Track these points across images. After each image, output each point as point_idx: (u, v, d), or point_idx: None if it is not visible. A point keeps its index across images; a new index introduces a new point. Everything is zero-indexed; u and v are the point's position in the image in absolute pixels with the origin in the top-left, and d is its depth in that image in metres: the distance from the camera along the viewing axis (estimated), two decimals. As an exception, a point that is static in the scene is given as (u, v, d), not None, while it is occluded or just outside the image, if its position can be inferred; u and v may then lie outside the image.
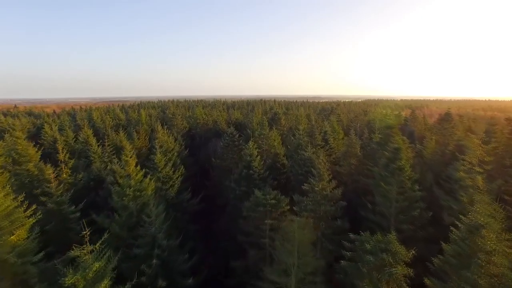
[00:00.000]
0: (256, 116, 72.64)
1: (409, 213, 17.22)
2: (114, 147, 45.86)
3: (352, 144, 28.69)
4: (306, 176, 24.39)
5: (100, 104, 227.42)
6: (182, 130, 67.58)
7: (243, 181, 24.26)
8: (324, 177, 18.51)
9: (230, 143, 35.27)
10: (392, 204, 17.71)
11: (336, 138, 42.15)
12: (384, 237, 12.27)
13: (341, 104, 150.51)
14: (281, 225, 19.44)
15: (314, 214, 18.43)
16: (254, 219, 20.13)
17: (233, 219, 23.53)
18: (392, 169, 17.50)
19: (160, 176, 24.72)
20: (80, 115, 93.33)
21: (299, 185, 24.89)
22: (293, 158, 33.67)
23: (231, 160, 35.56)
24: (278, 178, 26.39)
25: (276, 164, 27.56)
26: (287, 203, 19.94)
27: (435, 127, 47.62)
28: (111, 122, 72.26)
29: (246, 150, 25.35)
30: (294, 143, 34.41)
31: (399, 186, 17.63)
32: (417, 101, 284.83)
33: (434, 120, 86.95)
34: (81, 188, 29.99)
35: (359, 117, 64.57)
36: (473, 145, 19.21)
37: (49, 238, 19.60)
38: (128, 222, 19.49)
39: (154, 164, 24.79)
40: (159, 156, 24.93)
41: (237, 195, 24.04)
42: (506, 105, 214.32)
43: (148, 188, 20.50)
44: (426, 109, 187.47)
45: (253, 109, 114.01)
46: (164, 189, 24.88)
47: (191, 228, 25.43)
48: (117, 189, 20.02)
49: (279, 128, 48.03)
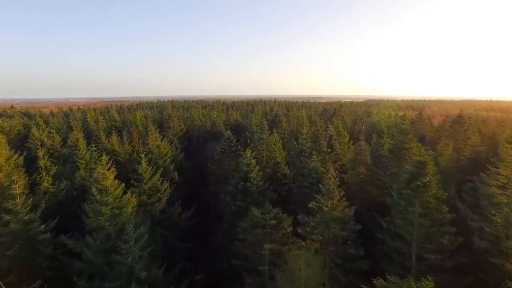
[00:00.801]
0: (256, 118, 69.78)
1: (436, 239, 14.33)
2: (104, 152, 43.10)
3: (362, 151, 25.79)
4: (311, 188, 21.52)
5: (99, 104, 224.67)
6: (178, 132, 64.80)
7: (240, 194, 21.38)
8: (334, 195, 15.65)
9: (226, 148, 32.40)
10: (415, 228, 14.83)
11: (342, 143, 39.24)
12: (419, 284, 9.40)
13: (343, 105, 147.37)
14: (282, 249, 16.57)
15: (322, 238, 15.55)
16: (252, 241, 17.27)
17: (229, 238, 20.68)
18: (416, 187, 14.62)
19: (146, 188, 21.84)
20: (75, 116, 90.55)
21: (303, 199, 22.00)
22: (295, 165, 30.80)
23: (228, 166, 32.70)
24: (278, 190, 23.52)
25: (277, 174, 24.65)
26: (289, 223, 17.08)
27: (446, 130, 44.62)
28: (104, 124, 69.38)
29: (243, 159, 22.45)
30: (297, 148, 31.53)
31: (423, 207, 14.75)
32: (418, 101, 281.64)
33: (438, 122, 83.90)
34: (64, 199, 27.20)
35: (364, 118, 61.60)
36: (509, 156, 16.29)
37: (11, 265, 16.82)
38: (104, 246, 16.65)
39: (139, 175, 21.91)
40: (144, 166, 22.04)
41: (232, 211, 21.17)
42: (507, 105, 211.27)
43: (129, 205, 17.64)
44: (428, 109, 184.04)
45: (253, 110, 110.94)
46: (150, 203, 22.02)
47: (182, 246, 22.58)
48: (91, 206, 17.18)
49: (279, 131, 45.13)
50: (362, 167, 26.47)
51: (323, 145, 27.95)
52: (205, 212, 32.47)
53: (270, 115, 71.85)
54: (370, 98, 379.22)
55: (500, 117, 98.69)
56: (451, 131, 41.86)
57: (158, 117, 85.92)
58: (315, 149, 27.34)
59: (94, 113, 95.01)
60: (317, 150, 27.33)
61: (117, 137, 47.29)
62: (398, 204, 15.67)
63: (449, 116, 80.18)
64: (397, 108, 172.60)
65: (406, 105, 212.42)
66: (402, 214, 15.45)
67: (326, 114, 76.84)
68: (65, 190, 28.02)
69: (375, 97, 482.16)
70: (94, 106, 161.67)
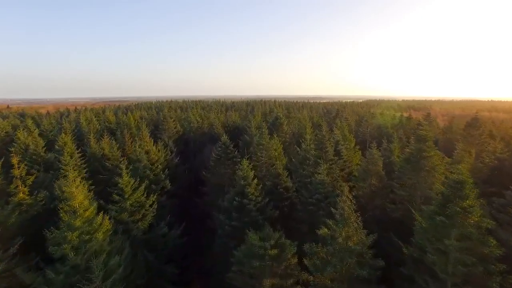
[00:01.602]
0: (255, 119, 66.81)
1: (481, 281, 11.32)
2: (92, 157, 40.17)
3: (374, 160, 22.79)
4: (317, 205, 18.51)
5: (99, 104, 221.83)
6: (174, 134, 61.86)
7: (235, 212, 18.38)
8: (350, 221, 12.67)
9: (222, 155, 29.41)
10: (451, 263, 11.84)
11: (348, 148, 36.21)
12: None
13: (344, 105, 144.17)
14: (285, 284, 13.58)
15: (335, 274, 12.57)
16: (249, 274, 14.29)
17: (223, 263, 17.72)
18: (453, 212, 11.65)
19: (127, 204, 18.86)
20: (68, 117, 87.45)
21: (308, 217, 19.01)
22: (297, 173, 27.84)
23: (224, 175, 29.72)
24: (280, 206, 20.49)
25: (278, 187, 21.60)
26: (293, 253, 14.10)
27: (459, 133, 41.55)
28: (98, 126, 66.40)
29: (240, 172, 19.41)
30: (300, 155, 28.56)
31: (462, 237, 11.78)
32: (419, 101, 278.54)
33: (444, 123, 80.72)
34: (43, 212, 24.27)
35: (369, 120, 58.58)
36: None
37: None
38: (69, 281, 13.70)
39: (119, 189, 18.92)
40: (125, 179, 19.03)
41: (226, 231, 18.17)
42: (510, 105, 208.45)
43: (100, 230, 14.65)
44: (430, 110, 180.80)
45: (253, 110, 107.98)
46: (132, 221, 19.04)
47: (168, 271, 19.59)
48: (53, 232, 14.22)
49: (280, 134, 42.09)
50: (374, 178, 23.48)
51: (329, 152, 24.95)
52: (200, 224, 29.45)
53: (270, 117, 68.91)
54: (370, 98, 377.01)
55: (505, 118, 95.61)
56: (464, 135, 38.79)
57: (155, 118, 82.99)
58: (321, 157, 24.34)
59: (90, 114, 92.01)
60: (323, 158, 24.34)
61: (108, 140, 44.38)
62: (426, 231, 12.70)
63: (455, 117, 77.16)
64: (399, 108, 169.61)
65: (407, 106, 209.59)
66: (432, 244, 12.46)
67: (329, 116, 73.79)
68: (43, 201, 25.07)
69: (375, 97, 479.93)
70: (92, 107, 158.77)
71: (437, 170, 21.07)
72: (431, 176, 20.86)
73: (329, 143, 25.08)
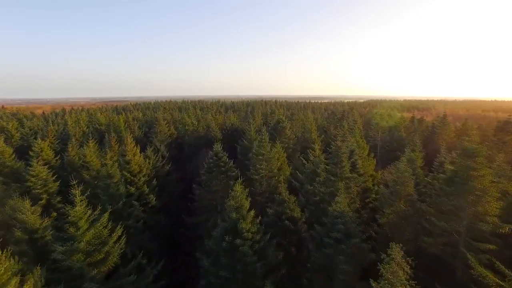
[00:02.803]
0: (255, 122, 61.92)
1: None
2: (69, 166, 35.35)
3: (404, 180, 17.82)
4: (337, 249, 13.55)
5: (99, 104, 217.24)
6: (167, 138, 56.93)
7: (225, 256, 13.43)
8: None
9: (214, 168, 24.52)
10: None
11: (361, 156, 31.24)
12: None
13: (352, 106, 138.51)
14: None
15: None
16: None
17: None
18: None
19: (81, 244, 13.94)
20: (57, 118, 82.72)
21: (324, 262, 14.04)
22: (304, 189, 22.93)
23: (217, 192, 24.85)
24: (285, 244, 15.42)
25: (282, 217, 16.13)
26: None
27: (488, 140, 36.47)
28: (84, 128, 61.53)
29: (231, 201, 14.26)
30: (308, 168, 23.62)
31: None
32: (421, 101, 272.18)
33: (455, 125, 75.43)
34: None
35: (380, 123, 53.53)
36: None
37: None
38: None
39: (71, 223, 13.99)
40: (79, 209, 14.12)
41: (212, 285, 13.22)
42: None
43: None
44: (434, 110, 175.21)
45: (253, 111, 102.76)
46: (89, 266, 14.13)
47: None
48: None
49: (283, 140, 37.12)
50: (402, 201, 18.53)
51: (346, 168, 19.94)
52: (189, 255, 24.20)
53: (271, 119, 63.98)
54: (370, 98, 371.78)
55: None
56: (495, 141, 33.78)
57: (150, 119, 78.00)
58: (335, 174, 19.40)
59: (80, 115, 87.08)
60: (338, 176, 19.39)
61: (94, 145, 39.53)
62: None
63: (468, 119, 71.79)
64: (401, 108, 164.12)
65: (410, 106, 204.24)
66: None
67: (334, 117, 68.75)
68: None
69: (376, 97, 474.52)
70: (90, 107, 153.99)
71: (489, 193, 16.15)
72: (483, 202, 15.96)
73: (344, 156, 20.11)
